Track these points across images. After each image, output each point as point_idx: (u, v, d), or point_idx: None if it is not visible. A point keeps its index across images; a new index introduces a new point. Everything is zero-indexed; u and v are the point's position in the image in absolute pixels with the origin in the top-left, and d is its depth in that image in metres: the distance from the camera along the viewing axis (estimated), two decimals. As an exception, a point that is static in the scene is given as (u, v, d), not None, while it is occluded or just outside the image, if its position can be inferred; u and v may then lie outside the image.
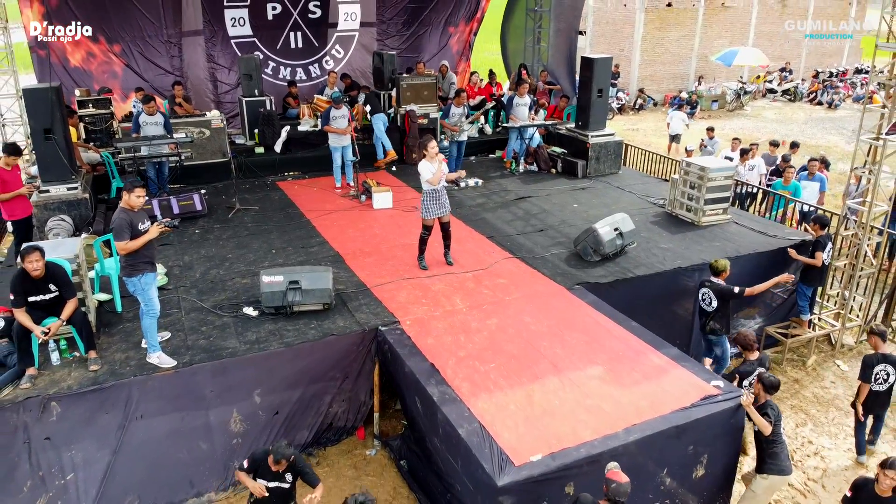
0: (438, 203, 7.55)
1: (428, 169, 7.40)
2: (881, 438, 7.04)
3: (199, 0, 12.19)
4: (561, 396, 5.53)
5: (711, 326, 7.32)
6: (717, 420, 5.37)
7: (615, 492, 4.25)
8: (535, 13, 14.14)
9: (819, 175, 10.94)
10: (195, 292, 7.21)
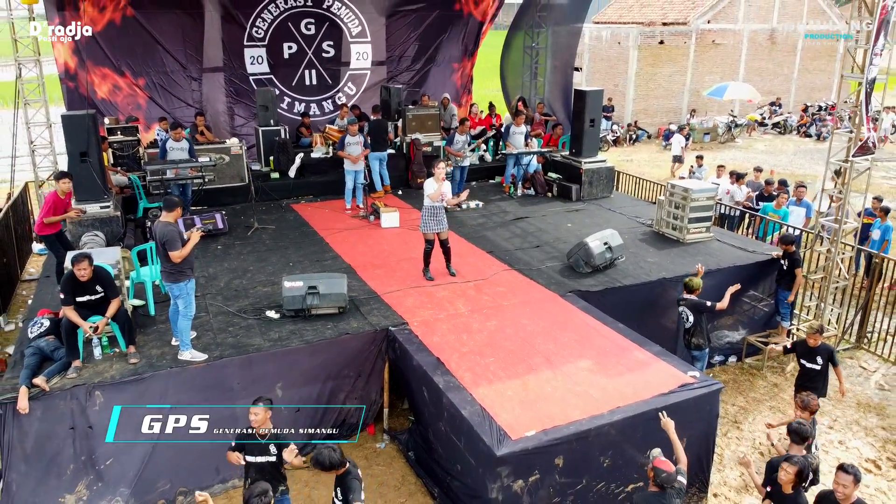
0: (436, 220, 8.27)
1: (430, 186, 8.15)
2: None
3: (219, 39, 13.11)
4: (553, 384, 6.17)
5: (695, 342, 7.81)
6: (693, 405, 6.00)
7: (665, 480, 4.55)
8: (532, 50, 15.07)
9: (805, 201, 11.67)
10: (221, 299, 7.90)
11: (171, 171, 9.81)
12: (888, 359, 9.47)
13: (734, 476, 7.07)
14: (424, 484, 6.65)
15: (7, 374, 6.46)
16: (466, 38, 15.35)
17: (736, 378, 9.01)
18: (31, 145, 12.37)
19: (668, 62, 25.23)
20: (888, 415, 8.28)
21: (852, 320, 9.80)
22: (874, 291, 9.78)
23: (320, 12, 13.76)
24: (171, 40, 12.75)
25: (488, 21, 15.79)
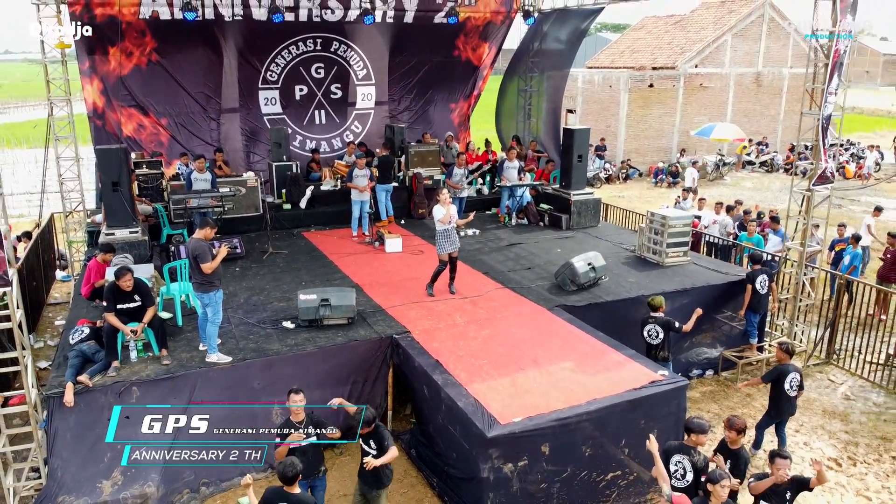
0: (450, 241, 9.18)
1: (440, 211, 9.07)
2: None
3: (236, 83, 14.19)
4: (538, 381, 6.96)
5: (662, 355, 8.38)
6: (662, 399, 6.79)
7: None
8: (526, 93, 16.18)
9: (780, 231, 12.57)
10: (241, 312, 8.73)
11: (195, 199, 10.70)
12: (855, 373, 10.23)
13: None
14: (424, 476, 7.38)
15: (53, 374, 7.26)
16: (464, 81, 16.45)
17: (712, 389, 9.76)
18: (60, 178, 13.35)
19: (658, 104, 26.45)
20: (851, 421, 9.01)
21: (821, 337, 10.58)
22: (840, 311, 10.59)
23: (329, 56, 14.87)
24: (192, 83, 13.81)
25: (488, 66, 16.92)
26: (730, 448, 6.07)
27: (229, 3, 12.96)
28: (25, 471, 7.01)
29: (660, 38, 29.80)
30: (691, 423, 5.79)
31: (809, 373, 10.30)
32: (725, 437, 6.10)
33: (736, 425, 6.02)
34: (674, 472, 5.62)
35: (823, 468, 5.57)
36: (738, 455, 6.06)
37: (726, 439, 6.08)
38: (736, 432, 6.03)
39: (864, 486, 7.67)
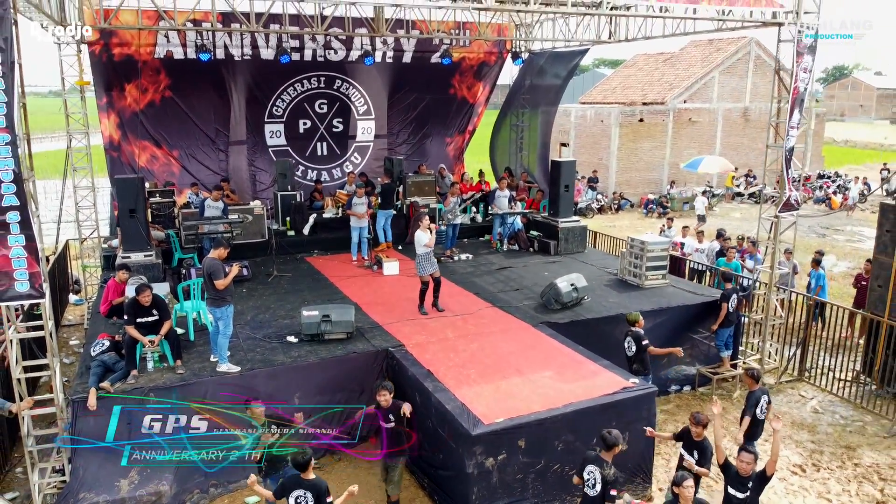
0: (430, 263, 9.92)
1: (424, 236, 9.82)
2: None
3: (244, 117, 15.07)
4: (520, 388, 7.63)
5: (636, 367, 9.01)
6: (633, 404, 7.44)
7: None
8: (518, 127, 17.10)
9: (757, 256, 13.30)
10: (248, 328, 9.42)
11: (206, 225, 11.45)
12: (825, 389, 10.86)
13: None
14: (416, 478, 8.00)
15: (77, 382, 7.93)
16: (459, 117, 17.37)
17: (689, 403, 10.39)
18: (77, 206, 14.14)
19: (648, 138, 27.43)
20: (818, 432, 9.63)
21: (792, 355, 11.24)
22: (810, 331, 11.27)
23: (332, 92, 15.79)
24: (203, 118, 14.70)
25: (482, 104, 17.85)
26: (694, 440, 6.67)
27: (239, 45, 13.94)
28: (49, 470, 7.62)
29: (650, 74, 30.95)
30: (606, 438, 6.12)
31: (782, 388, 10.95)
32: (691, 430, 6.67)
33: (701, 420, 6.61)
34: (586, 481, 6.10)
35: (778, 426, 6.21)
36: (703, 446, 6.62)
37: (691, 433, 6.67)
38: (702, 427, 6.62)
39: (826, 490, 8.27)
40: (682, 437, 6.81)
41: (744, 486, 5.96)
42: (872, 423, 9.88)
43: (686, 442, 6.79)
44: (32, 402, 7.18)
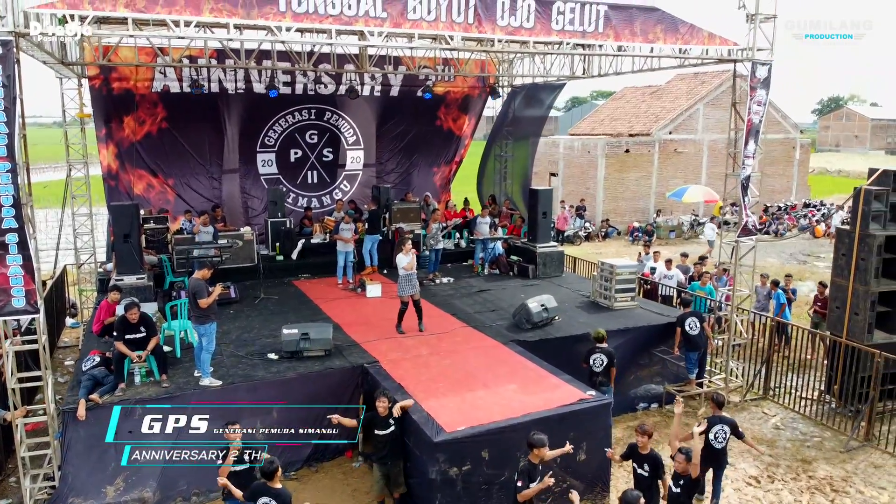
0: (410, 284, 10.45)
1: (404, 259, 10.38)
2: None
3: (237, 147, 15.73)
4: (485, 400, 8.11)
5: (600, 381, 9.49)
6: (589, 414, 7.91)
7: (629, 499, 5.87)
8: (502, 158, 17.78)
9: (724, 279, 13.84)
10: (233, 346, 9.93)
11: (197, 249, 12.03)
12: (789, 407, 11.30)
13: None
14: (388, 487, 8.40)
15: (68, 394, 8.42)
16: (445, 148, 18.03)
17: (655, 420, 10.81)
18: (75, 232, 14.76)
19: (634, 168, 28.15)
20: (777, 446, 10.05)
21: (757, 374, 11.70)
22: (774, 349, 11.75)
23: (322, 124, 16.49)
24: (198, 148, 15.34)
25: (468, 136, 18.54)
26: (641, 454, 6.98)
27: (233, 79, 14.66)
28: (41, 476, 8.06)
29: (637, 106, 31.83)
30: (532, 439, 6.36)
31: (746, 406, 11.39)
32: (637, 442, 7.03)
33: (646, 430, 6.98)
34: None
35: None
36: (652, 457, 6.90)
37: (637, 444, 7.04)
38: (647, 437, 6.96)
39: (779, 500, 8.68)
40: (630, 453, 7.08)
41: (677, 482, 6.47)
42: (831, 438, 10.30)
43: (635, 457, 7.01)
44: (26, 411, 7.67)
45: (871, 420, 10.17)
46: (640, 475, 6.94)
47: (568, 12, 8.94)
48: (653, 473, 6.86)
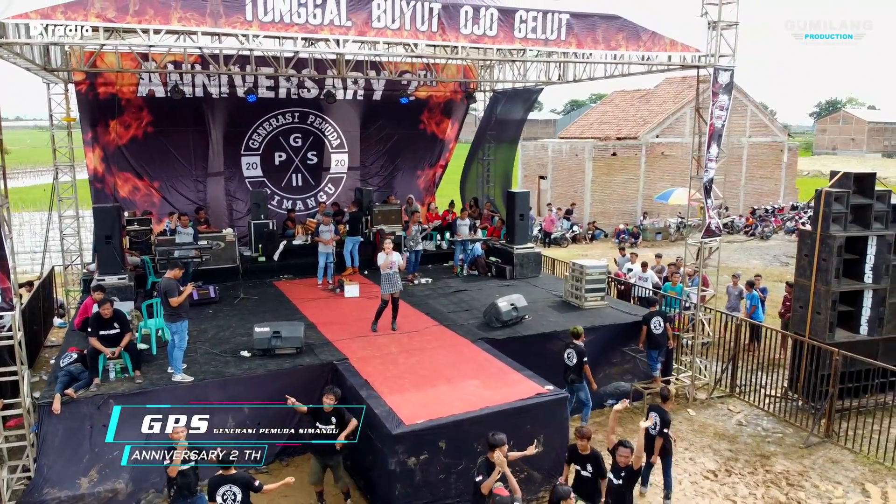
0: (390, 284, 10.74)
1: (381, 258, 10.70)
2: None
3: (222, 150, 16.02)
4: (447, 395, 8.39)
5: (572, 378, 9.83)
6: (546, 408, 8.19)
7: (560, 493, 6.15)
8: (484, 161, 18.09)
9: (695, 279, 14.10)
10: (208, 344, 10.21)
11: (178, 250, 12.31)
12: (754, 404, 11.57)
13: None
14: (354, 480, 8.69)
15: (45, 389, 8.71)
16: (429, 151, 18.34)
17: (621, 416, 11.03)
18: (62, 234, 15.05)
19: (622, 171, 28.45)
20: (738, 442, 10.32)
21: (723, 371, 11.97)
22: (746, 349, 12.03)
23: (306, 127, 16.79)
24: (183, 151, 15.64)
25: (452, 139, 18.83)
26: (582, 454, 7.09)
27: (217, 84, 14.97)
28: (19, 468, 8.34)
29: (626, 110, 32.14)
30: (492, 440, 6.52)
31: (713, 403, 11.66)
32: (577, 445, 7.11)
33: (585, 433, 7.10)
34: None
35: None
36: (593, 457, 7.06)
37: (577, 447, 7.12)
38: (587, 440, 7.09)
39: (734, 493, 8.95)
40: (571, 456, 7.21)
41: (618, 475, 6.73)
42: (793, 435, 10.57)
43: (577, 459, 7.12)
44: (2, 404, 7.94)
45: (831, 417, 10.44)
46: (584, 477, 7.01)
47: (531, 21, 9.24)
48: (596, 473, 7.00)
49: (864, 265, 11.03)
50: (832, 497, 8.87)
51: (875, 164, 75.22)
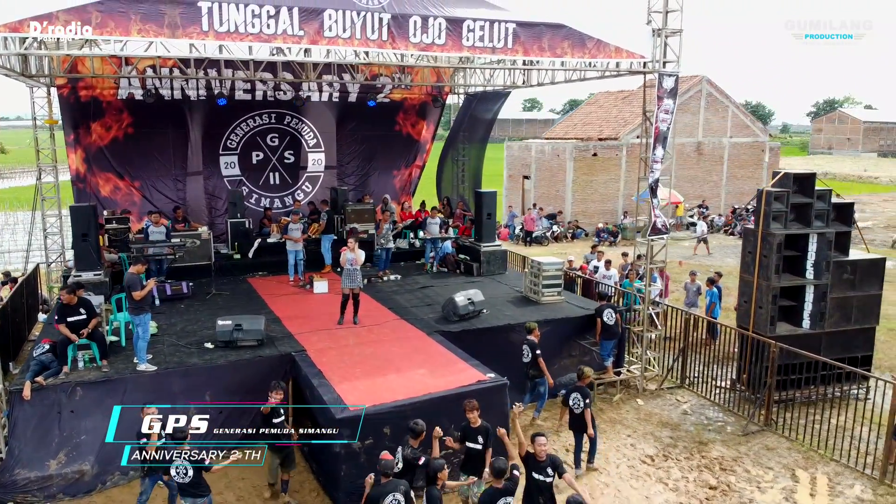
0: (349, 279, 11.27)
1: (342, 256, 11.22)
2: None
3: (200, 150, 16.55)
4: (395, 382, 8.91)
5: (532, 373, 10.43)
6: (486, 393, 8.69)
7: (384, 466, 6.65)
8: (459, 162, 18.61)
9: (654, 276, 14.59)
10: (175, 337, 10.73)
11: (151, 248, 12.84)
12: (702, 395, 12.08)
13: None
14: (309, 465, 9.22)
15: (18, 377, 9.24)
16: (405, 152, 18.89)
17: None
18: (45, 232, 15.59)
19: (603, 171, 28.97)
20: (680, 430, 10.84)
21: (675, 361, 12.48)
22: (690, 341, 12.53)
23: (283, 128, 17.33)
24: (162, 152, 16.16)
25: (429, 140, 19.35)
26: (472, 427, 7.62)
27: (194, 87, 15.49)
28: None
29: (608, 111, 32.65)
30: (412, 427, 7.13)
31: (661, 394, 12.18)
32: (468, 419, 7.63)
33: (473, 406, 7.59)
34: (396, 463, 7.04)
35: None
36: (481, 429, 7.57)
37: (469, 421, 7.63)
38: (477, 412, 7.59)
39: (668, 476, 9.46)
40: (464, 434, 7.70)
41: (543, 470, 7.01)
42: (734, 423, 11.08)
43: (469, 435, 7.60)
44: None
45: (770, 406, 10.96)
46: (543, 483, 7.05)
47: (478, 30, 9.75)
48: (485, 445, 7.45)
49: (806, 262, 11.53)
50: (761, 481, 9.37)
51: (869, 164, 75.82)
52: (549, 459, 7.11)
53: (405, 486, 6.62)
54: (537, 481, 7.05)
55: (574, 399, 8.97)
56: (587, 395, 8.98)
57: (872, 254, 12.69)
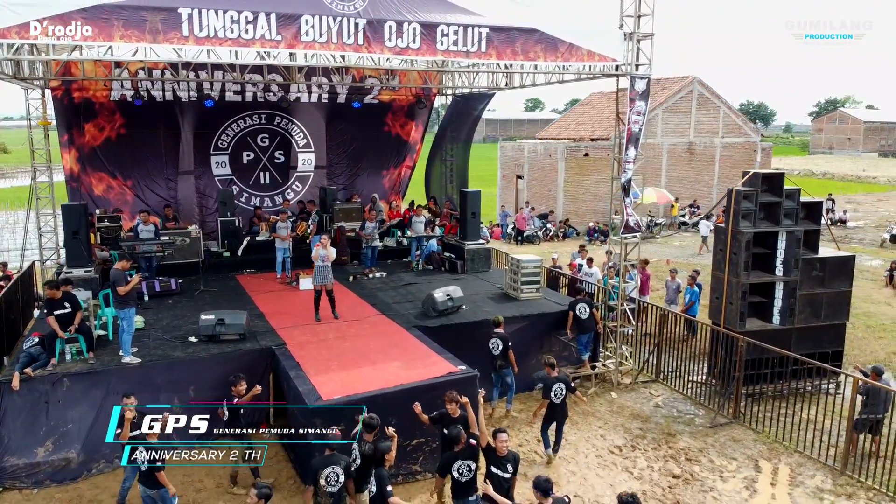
0: (321, 275, 11.62)
1: (314, 252, 11.57)
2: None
3: (191, 149, 16.93)
4: (369, 374, 9.26)
5: (500, 364, 10.73)
6: (456, 385, 8.97)
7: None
8: (448, 162, 18.95)
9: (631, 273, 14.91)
10: (161, 331, 11.09)
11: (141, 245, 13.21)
12: (675, 389, 12.40)
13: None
14: (287, 454, 9.56)
15: (7, 368, 9.60)
16: (394, 152, 19.23)
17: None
18: (40, 230, 15.96)
19: (594, 171, 29.28)
20: (651, 422, 11.16)
21: (649, 355, 12.80)
22: (664, 336, 12.85)
23: (273, 128, 17.70)
24: (154, 151, 16.54)
25: (418, 141, 19.68)
26: (452, 417, 7.88)
27: (185, 88, 15.86)
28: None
29: (602, 112, 32.95)
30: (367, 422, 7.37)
31: (636, 388, 12.50)
32: (447, 409, 7.91)
33: (452, 398, 7.88)
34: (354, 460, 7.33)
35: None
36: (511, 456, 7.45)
37: (448, 411, 7.91)
38: (456, 404, 7.86)
39: (633, 465, 9.79)
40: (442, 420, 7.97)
41: (504, 466, 7.19)
42: (704, 416, 11.41)
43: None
44: (-36, 382, 8.84)
45: (738, 399, 11.27)
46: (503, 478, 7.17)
47: (452, 34, 10.08)
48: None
49: (776, 259, 11.86)
50: (724, 471, 9.68)
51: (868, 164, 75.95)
52: (511, 455, 7.30)
53: (346, 461, 7.01)
54: (496, 476, 7.20)
55: (556, 389, 9.21)
56: (568, 383, 9.41)
57: (842, 251, 13.00)
